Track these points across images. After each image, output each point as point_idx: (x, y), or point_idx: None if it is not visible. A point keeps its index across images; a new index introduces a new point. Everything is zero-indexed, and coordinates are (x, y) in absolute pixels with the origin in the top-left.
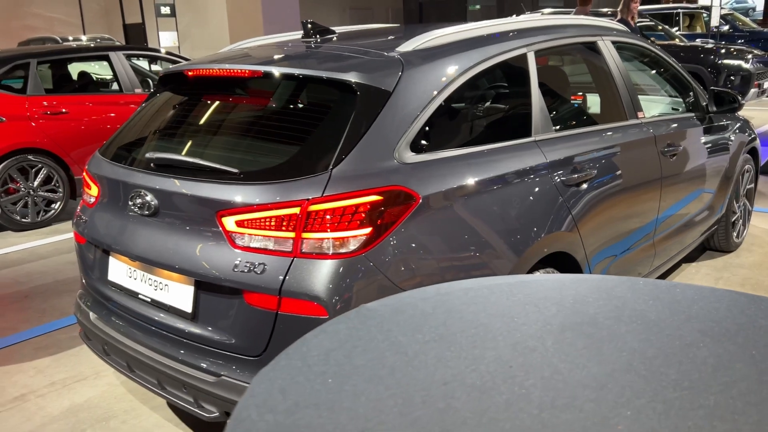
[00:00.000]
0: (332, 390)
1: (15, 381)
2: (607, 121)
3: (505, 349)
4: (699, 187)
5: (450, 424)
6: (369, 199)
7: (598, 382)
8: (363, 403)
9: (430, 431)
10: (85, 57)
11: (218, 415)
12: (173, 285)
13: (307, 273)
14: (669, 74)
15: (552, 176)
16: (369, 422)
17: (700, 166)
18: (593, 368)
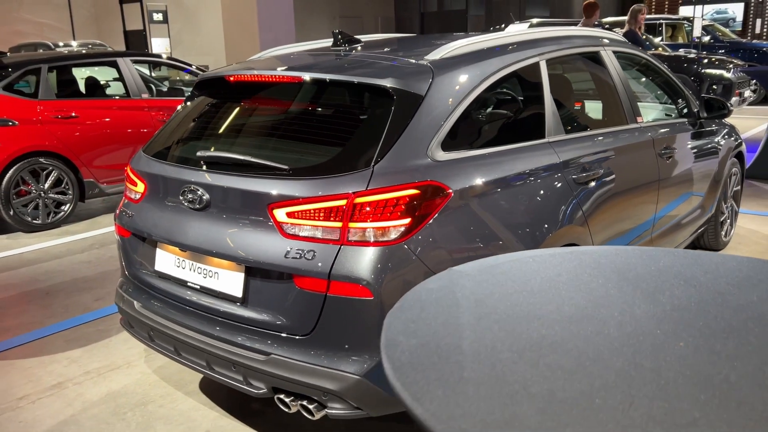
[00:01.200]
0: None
1: (51, 370)
2: (610, 125)
3: (581, 297)
4: (691, 187)
5: (548, 347)
6: (408, 192)
7: (658, 318)
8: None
9: (533, 351)
10: (94, 63)
11: (266, 390)
12: (223, 272)
13: (353, 259)
14: (662, 82)
15: (564, 174)
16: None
17: (693, 168)
18: (652, 309)
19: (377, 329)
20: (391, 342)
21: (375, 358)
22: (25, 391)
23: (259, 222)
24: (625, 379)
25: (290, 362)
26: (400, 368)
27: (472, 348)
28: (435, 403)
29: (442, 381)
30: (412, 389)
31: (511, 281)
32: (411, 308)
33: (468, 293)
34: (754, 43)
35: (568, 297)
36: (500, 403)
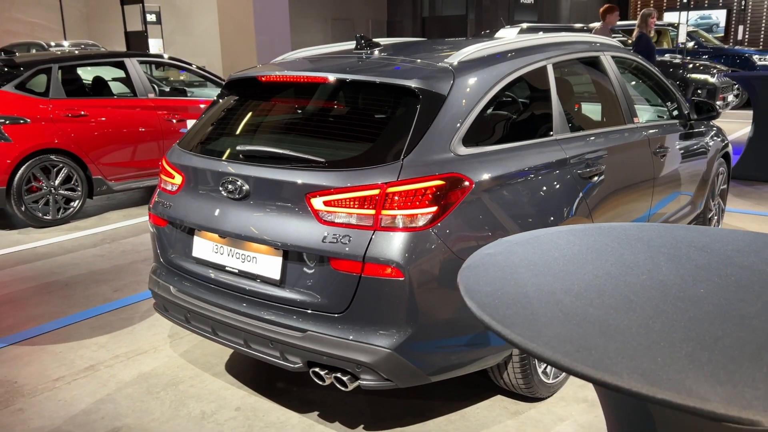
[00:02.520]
0: (513, 278)
1: (81, 355)
2: (609, 124)
3: (614, 259)
4: (682, 185)
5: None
6: (435, 183)
7: (680, 274)
8: (535, 282)
9: (586, 296)
10: (103, 63)
11: (301, 365)
12: (261, 257)
13: (386, 243)
14: (655, 85)
15: (571, 170)
16: (543, 291)
17: (684, 166)
18: (674, 268)
19: (407, 306)
20: (469, 290)
21: (405, 333)
22: (59, 373)
23: (297, 210)
24: (662, 313)
25: (326, 338)
26: (484, 307)
27: (536, 295)
28: (520, 329)
29: (520, 315)
30: (500, 321)
31: (555, 248)
32: (476, 267)
33: (521, 257)
34: (736, 49)
35: (603, 259)
36: (568, 329)
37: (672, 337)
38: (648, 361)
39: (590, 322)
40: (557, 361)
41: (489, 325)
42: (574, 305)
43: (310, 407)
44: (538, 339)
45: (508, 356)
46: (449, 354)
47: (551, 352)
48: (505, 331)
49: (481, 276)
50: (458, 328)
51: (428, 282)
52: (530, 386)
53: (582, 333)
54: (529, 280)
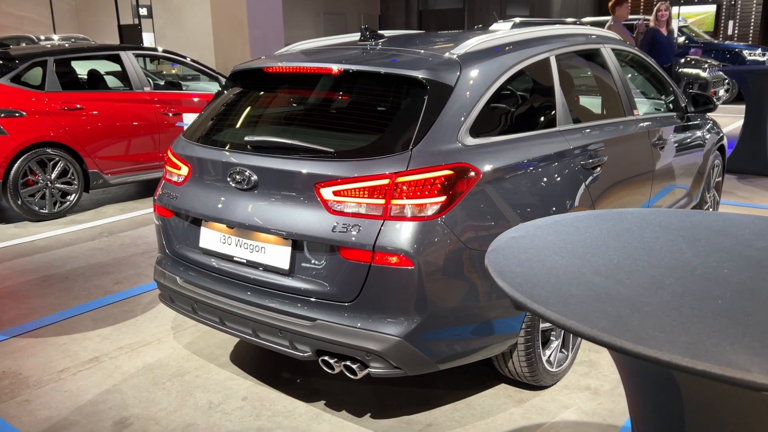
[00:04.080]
0: (540, 258)
1: (85, 346)
2: (610, 116)
3: (636, 242)
4: (680, 177)
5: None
6: (444, 173)
7: (703, 256)
8: (562, 263)
9: (615, 276)
10: (98, 56)
11: (311, 353)
12: (270, 247)
13: (396, 232)
14: (653, 77)
15: (575, 160)
16: (571, 270)
17: (681, 158)
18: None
19: (416, 295)
20: (500, 271)
21: (414, 321)
22: (64, 364)
23: (306, 200)
24: (691, 291)
25: (336, 326)
26: (517, 287)
27: (566, 276)
28: (557, 307)
29: (554, 294)
30: (535, 300)
31: (576, 232)
32: (503, 250)
33: (545, 240)
34: (726, 44)
35: (626, 242)
36: (602, 307)
37: (704, 314)
38: (685, 335)
39: (623, 300)
40: (596, 336)
41: (524, 305)
42: (604, 285)
43: (317, 396)
44: (575, 316)
45: (514, 345)
46: (457, 342)
47: (589, 327)
48: (541, 309)
49: (509, 258)
50: (466, 317)
51: (437, 271)
52: (535, 374)
53: (616, 310)
54: (556, 261)
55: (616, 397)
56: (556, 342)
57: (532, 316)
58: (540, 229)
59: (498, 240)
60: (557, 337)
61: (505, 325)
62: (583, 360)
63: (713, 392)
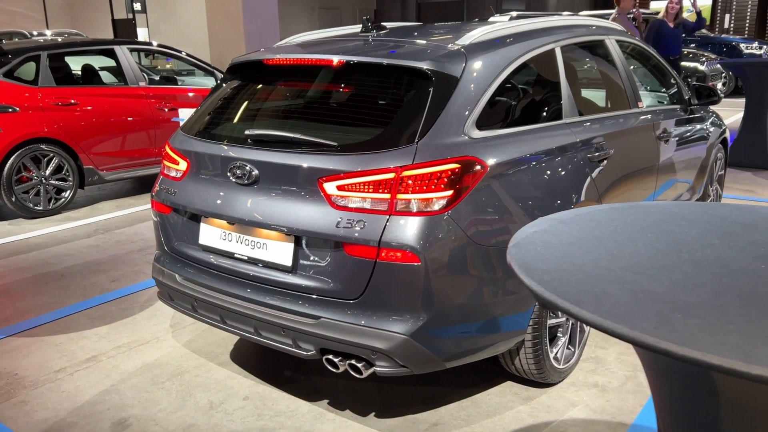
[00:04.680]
0: (566, 254)
1: (82, 345)
2: (615, 109)
3: (664, 236)
4: (684, 170)
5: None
6: (450, 166)
7: (736, 250)
8: (589, 258)
9: (648, 272)
10: (93, 51)
11: (314, 352)
12: (272, 243)
13: (402, 228)
14: (656, 69)
15: (581, 153)
16: (599, 266)
17: (685, 151)
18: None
19: (423, 292)
20: (525, 268)
21: (421, 318)
22: (60, 364)
23: (309, 195)
24: (730, 288)
25: (340, 324)
26: (545, 285)
27: (595, 272)
28: (592, 307)
29: (586, 293)
30: (567, 299)
31: (599, 226)
32: (525, 245)
33: (568, 234)
34: (722, 37)
35: (652, 237)
36: (641, 306)
37: (748, 313)
38: (732, 336)
39: (660, 298)
40: (636, 338)
41: (555, 303)
42: (637, 282)
43: (320, 395)
44: (613, 316)
45: (521, 342)
46: (464, 339)
47: (628, 329)
48: (575, 308)
49: (533, 254)
50: (473, 313)
51: (444, 267)
52: (542, 372)
53: (656, 310)
54: (583, 257)
55: (624, 394)
56: (563, 338)
57: (539, 312)
58: (561, 223)
59: (519, 235)
60: (564, 334)
61: (512, 321)
62: (589, 356)
63: (756, 395)
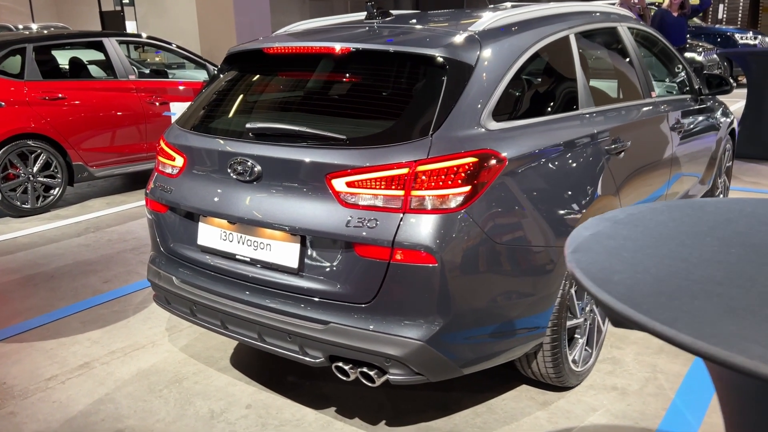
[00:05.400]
0: (625, 256)
1: (74, 351)
2: (629, 98)
3: (723, 233)
4: (695, 161)
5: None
6: (468, 160)
7: None
8: (653, 259)
9: (712, 274)
10: (80, 43)
11: (323, 359)
12: (276, 244)
13: (417, 226)
14: (667, 58)
15: (599, 145)
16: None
17: (697, 142)
18: None
19: (440, 295)
20: (597, 280)
21: (437, 323)
22: (51, 371)
23: (316, 192)
24: None
25: (351, 330)
26: (629, 302)
27: (676, 282)
28: (689, 329)
29: (679, 310)
30: (659, 320)
31: (662, 226)
32: (586, 251)
33: (629, 237)
34: (716, 27)
35: (724, 238)
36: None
37: None
38: None
39: (765, 317)
40: (757, 370)
41: (645, 326)
42: (729, 295)
43: (326, 402)
44: (721, 342)
45: (539, 345)
46: (482, 344)
47: (746, 358)
48: (670, 332)
49: (599, 262)
50: (492, 317)
51: (462, 268)
52: (560, 375)
53: (765, 332)
54: (656, 265)
55: (645, 397)
56: (581, 340)
57: (558, 313)
58: (618, 224)
59: (575, 239)
60: (582, 335)
61: (531, 323)
62: (605, 357)
63: None
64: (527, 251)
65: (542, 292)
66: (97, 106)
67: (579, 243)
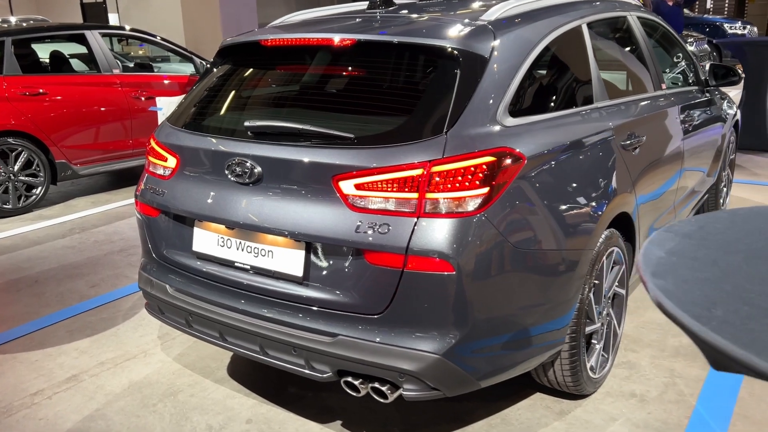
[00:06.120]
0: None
1: (60, 363)
2: (641, 91)
3: None
4: (703, 154)
5: None
6: (485, 159)
7: None
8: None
9: None
10: (61, 36)
11: (331, 374)
12: (279, 250)
13: (433, 232)
14: (674, 48)
15: (616, 141)
16: None
17: (704, 135)
18: None
19: (458, 305)
20: (693, 314)
21: (455, 335)
22: (37, 386)
23: (322, 195)
24: None
25: (362, 343)
26: (720, 330)
27: (761, 302)
28: None
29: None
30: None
31: (738, 241)
32: (666, 275)
33: (706, 257)
34: (705, 17)
35: None
36: None
37: None
38: None
39: None
40: None
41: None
42: None
43: (331, 415)
44: None
45: (557, 353)
46: (500, 355)
47: None
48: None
49: (692, 291)
50: (510, 326)
51: (481, 275)
52: (578, 384)
53: None
54: (751, 291)
55: (666, 404)
56: (598, 346)
57: (577, 320)
58: (689, 238)
59: (648, 258)
60: (599, 341)
61: (550, 331)
62: (621, 361)
63: None
64: (548, 255)
65: (562, 298)
66: (80, 102)
67: (656, 265)
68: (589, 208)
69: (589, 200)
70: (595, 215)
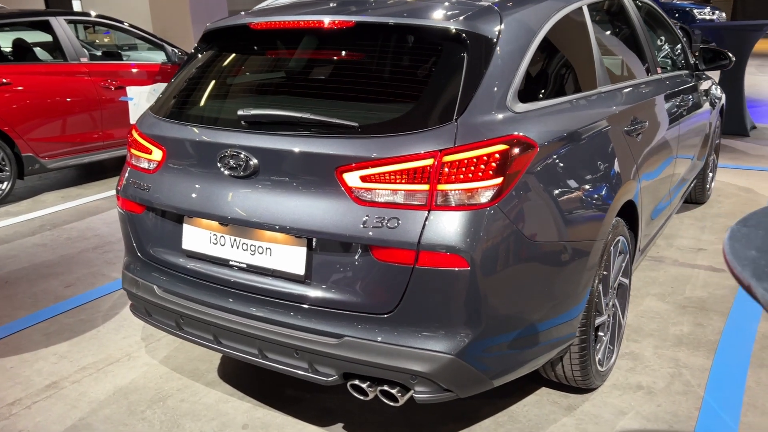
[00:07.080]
0: None
1: (38, 369)
2: (639, 75)
3: None
4: (694, 139)
5: None
6: (498, 147)
7: None
8: None
9: None
10: (24, 23)
11: (336, 377)
12: (278, 248)
13: (445, 225)
14: (666, 31)
15: (620, 126)
16: None
17: (696, 119)
18: None
19: (472, 302)
20: None
21: (469, 334)
22: (14, 395)
23: (324, 188)
24: None
25: (370, 344)
26: None
27: None
28: None
29: None
30: None
31: None
32: (753, 267)
33: None
34: (674, 3)
35: None
36: None
37: None
38: None
39: None
40: None
41: None
42: None
43: (331, 417)
44: None
45: (566, 348)
46: (514, 353)
47: None
48: None
49: None
50: (525, 321)
51: (496, 270)
52: (587, 378)
53: None
54: None
55: (674, 396)
56: (605, 338)
57: (587, 312)
58: None
59: (738, 258)
60: (606, 332)
61: (563, 326)
62: (624, 352)
63: None
64: (561, 247)
65: (573, 290)
66: (47, 92)
67: (755, 266)
68: (600, 196)
69: (600, 188)
70: (606, 204)
